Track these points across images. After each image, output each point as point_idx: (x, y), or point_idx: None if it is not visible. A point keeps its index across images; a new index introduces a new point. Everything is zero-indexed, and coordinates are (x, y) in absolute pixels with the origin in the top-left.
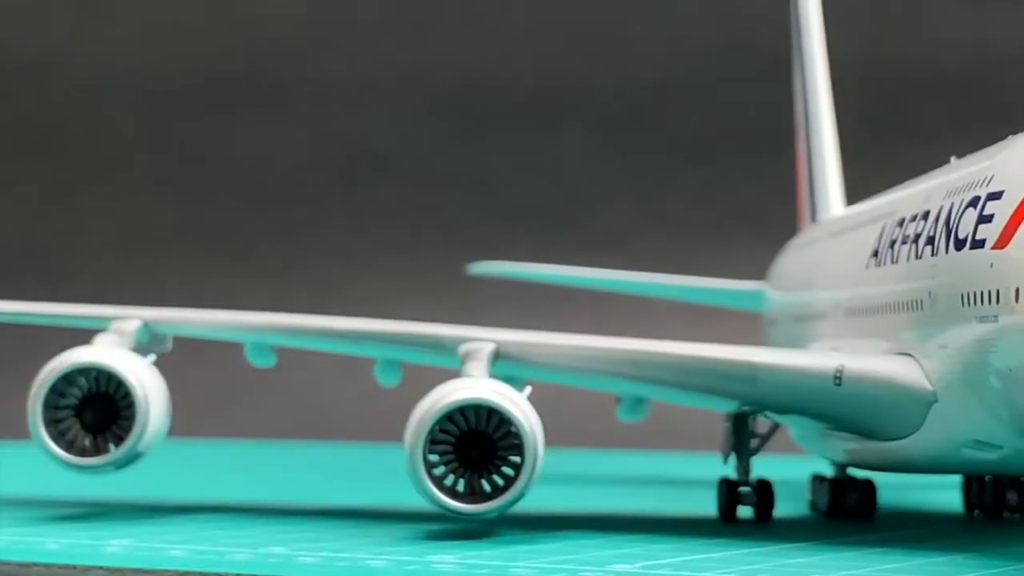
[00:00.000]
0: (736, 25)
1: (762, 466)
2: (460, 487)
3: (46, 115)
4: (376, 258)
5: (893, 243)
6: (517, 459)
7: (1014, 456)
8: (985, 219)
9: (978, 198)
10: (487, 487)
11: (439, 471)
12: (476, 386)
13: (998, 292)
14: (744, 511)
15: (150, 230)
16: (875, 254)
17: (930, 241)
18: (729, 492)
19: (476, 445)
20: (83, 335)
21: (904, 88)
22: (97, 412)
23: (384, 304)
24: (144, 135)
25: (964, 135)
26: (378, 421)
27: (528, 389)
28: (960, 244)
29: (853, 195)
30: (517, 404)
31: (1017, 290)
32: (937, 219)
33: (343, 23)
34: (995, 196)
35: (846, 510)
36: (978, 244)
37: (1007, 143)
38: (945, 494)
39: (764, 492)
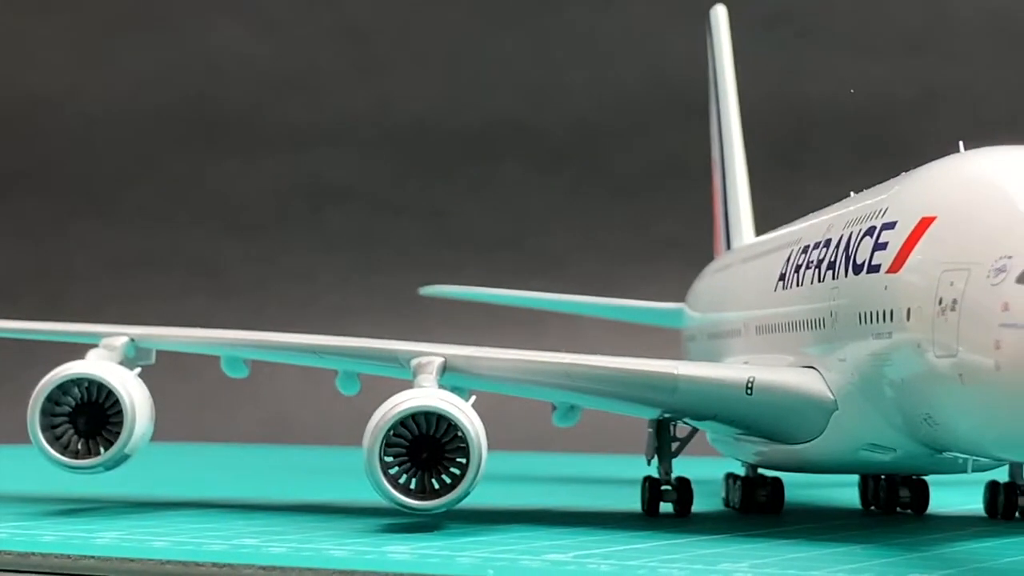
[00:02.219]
0: (660, 72)
1: (681, 466)
2: (412, 485)
3: (44, 152)
4: (338, 280)
5: (798, 268)
6: (463, 460)
7: (906, 458)
8: (880, 246)
9: (874, 228)
10: (436, 485)
11: (394, 471)
12: (426, 395)
13: (891, 311)
14: (665, 507)
15: (137, 256)
16: (782, 277)
17: (831, 266)
18: (652, 490)
19: (427, 448)
20: (76, 350)
21: (808, 129)
22: (89, 419)
23: (345, 322)
24: (131, 171)
25: (861, 171)
26: (339, 427)
27: (473, 398)
28: (858, 269)
29: (763, 225)
30: (463, 411)
31: (908, 309)
32: (838, 246)
33: (307, 71)
34: (889, 226)
35: (757, 506)
36: (874, 269)
37: (900, 179)
38: (844, 492)
39: (683, 490)
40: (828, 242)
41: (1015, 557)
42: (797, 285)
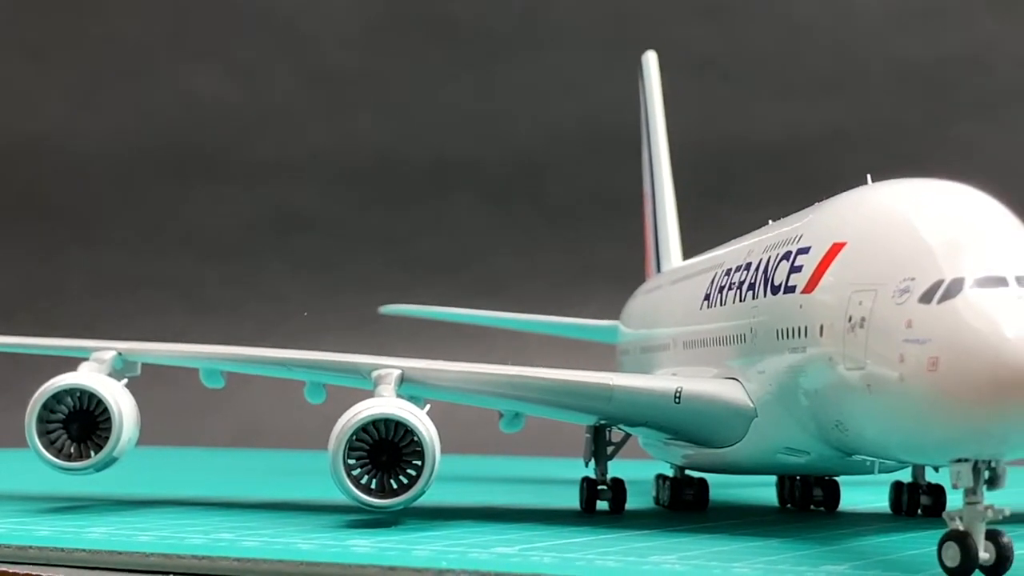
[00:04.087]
0: (596, 113)
1: (616, 468)
2: (373, 485)
3: (39, 185)
4: (305, 300)
5: (722, 289)
6: (419, 463)
7: (819, 460)
8: (796, 269)
9: (790, 252)
10: (395, 485)
11: (356, 472)
12: (386, 404)
13: (806, 328)
14: (602, 505)
15: (123, 278)
16: (707, 297)
17: (751, 287)
18: (589, 489)
19: (386, 451)
20: (69, 363)
21: (730, 163)
22: (81, 425)
23: (312, 338)
24: (118, 202)
25: (778, 202)
26: (307, 432)
27: (427, 406)
28: (776, 289)
29: (689, 250)
30: (418, 418)
31: (821, 326)
32: (757, 269)
33: (276, 112)
34: (804, 251)
35: (684, 504)
36: (790, 289)
37: (813, 208)
38: (763, 491)
39: (618, 489)
40: (749, 265)
41: (917, 550)
42: (721, 304)
